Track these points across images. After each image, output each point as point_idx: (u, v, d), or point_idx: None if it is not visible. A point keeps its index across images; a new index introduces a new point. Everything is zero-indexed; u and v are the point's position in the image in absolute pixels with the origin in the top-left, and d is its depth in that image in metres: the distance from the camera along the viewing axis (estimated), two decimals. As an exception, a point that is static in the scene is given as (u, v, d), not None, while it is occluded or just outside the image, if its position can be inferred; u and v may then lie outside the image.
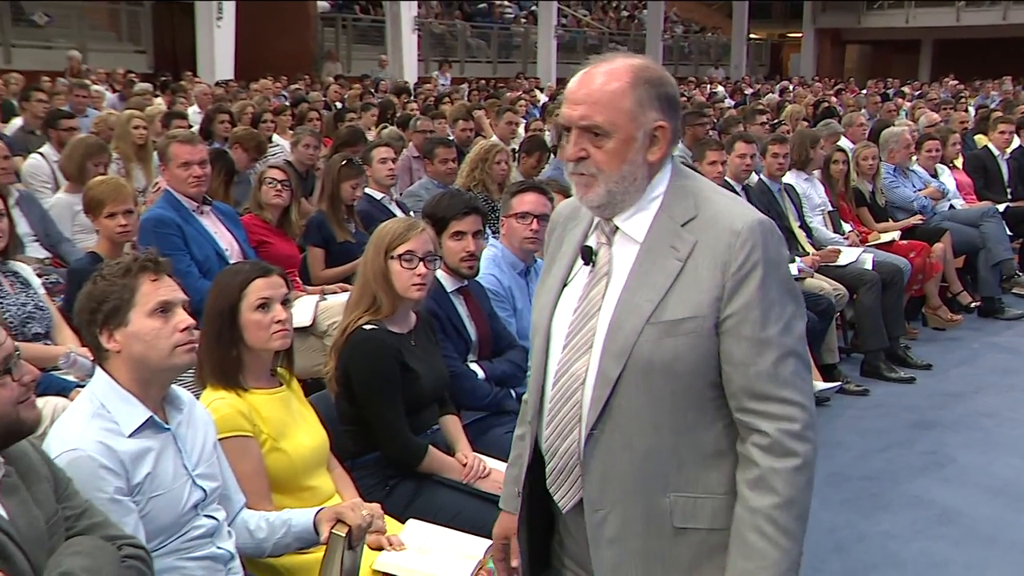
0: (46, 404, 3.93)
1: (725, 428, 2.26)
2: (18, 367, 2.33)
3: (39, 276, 5.01)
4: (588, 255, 2.33)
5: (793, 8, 39.50)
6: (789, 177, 8.03)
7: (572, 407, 2.32)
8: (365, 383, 3.74)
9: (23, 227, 6.02)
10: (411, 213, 6.77)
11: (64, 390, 4.24)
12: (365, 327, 3.79)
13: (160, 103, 13.43)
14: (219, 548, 2.87)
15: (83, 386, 3.81)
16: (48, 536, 2.37)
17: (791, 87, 24.07)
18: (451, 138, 9.42)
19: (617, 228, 2.31)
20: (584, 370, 2.29)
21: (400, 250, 3.82)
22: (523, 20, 32.73)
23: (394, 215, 6.60)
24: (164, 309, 2.78)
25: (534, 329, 2.45)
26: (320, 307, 5.35)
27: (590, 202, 2.31)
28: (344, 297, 4.75)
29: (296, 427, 3.34)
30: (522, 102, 15.78)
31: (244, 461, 3.13)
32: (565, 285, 2.39)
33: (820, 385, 6.48)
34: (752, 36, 38.05)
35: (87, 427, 2.71)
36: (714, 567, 2.27)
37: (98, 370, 2.84)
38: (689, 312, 2.20)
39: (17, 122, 10.91)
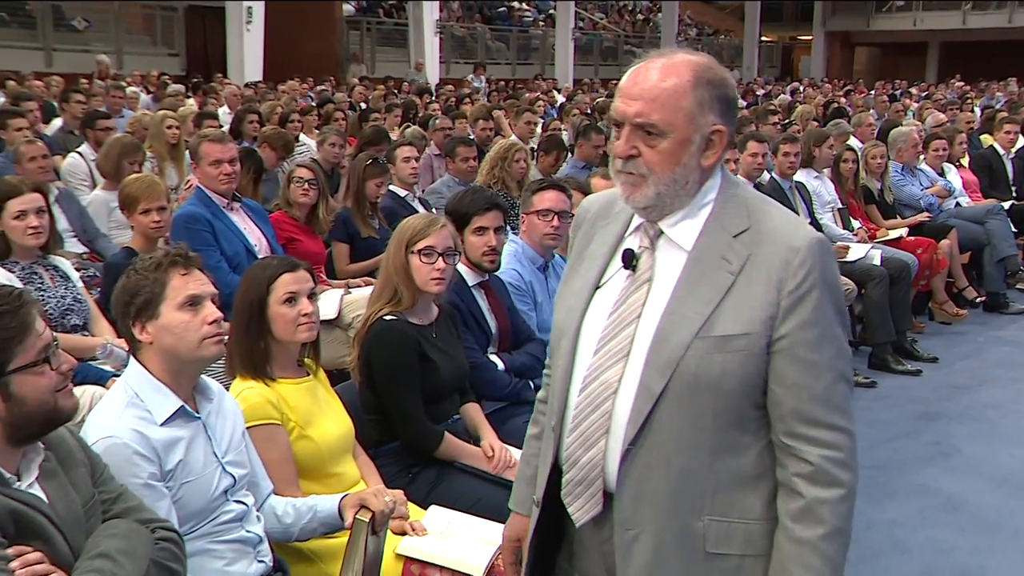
0: (83, 392, 3.95)
1: (763, 451, 2.11)
2: (56, 357, 2.34)
3: (77, 270, 5.04)
4: (630, 259, 2.15)
5: (804, 11, 39.36)
6: (800, 175, 8.03)
7: (600, 416, 2.15)
8: (384, 371, 3.73)
9: (62, 223, 6.06)
10: (433, 210, 6.77)
11: (101, 379, 4.26)
12: (386, 318, 3.79)
13: (192, 104, 13.48)
14: (248, 532, 2.88)
15: (119, 375, 3.84)
16: (85, 519, 2.38)
17: (801, 88, 23.94)
18: (472, 137, 9.42)
19: (662, 233, 2.14)
20: (617, 379, 2.13)
21: (420, 245, 3.81)
22: (541, 23, 32.72)
23: (417, 211, 6.60)
24: (193, 303, 2.79)
25: (559, 331, 2.27)
26: (345, 300, 5.35)
27: (636, 203, 2.14)
28: (368, 291, 4.76)
29: (322, 416, 3.34)
30: (540, 102, 15.78)
31: (272, 448, 3.14)
32: (598, 287, 2.22)
33: (829, 377, 6.45)
34: (764, 39, 37.93)
35: (122, 415, 2.72)
36: None
37: (132, 360, 2.86)
38: (741, 328, 2.05)
39: (57, 123, 10.95)
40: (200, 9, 24.36)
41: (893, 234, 8.30)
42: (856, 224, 8.25)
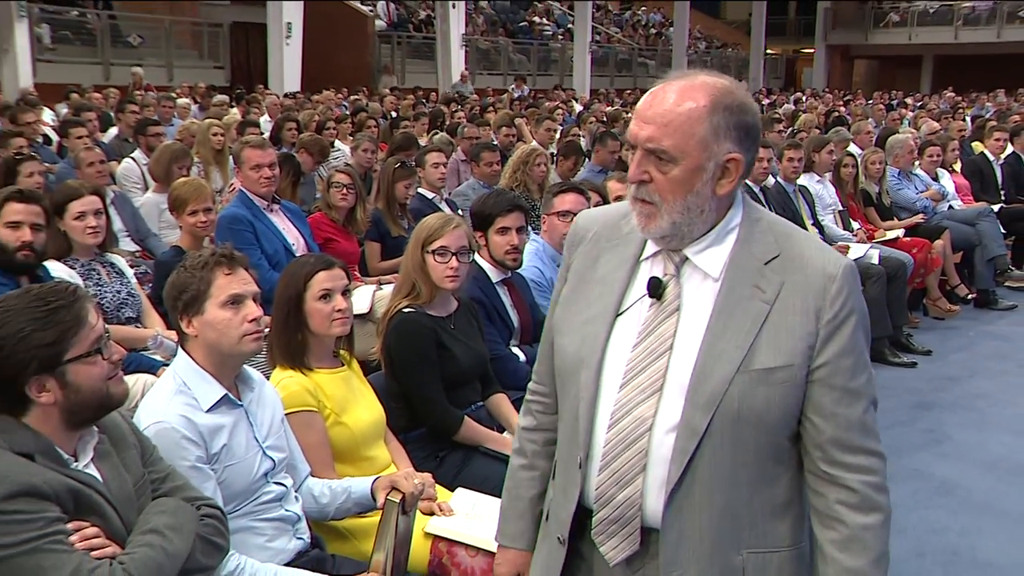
0: (136, 380, 3.96)
1: (792, 479, 1.97)
2: (108, 347, 2.34)
3: (131, 267, 5.06)
4: (656, 287, 1.94)
5: (806, 26, 39.22)
6: (803, 179, 8.02)
7: (636, 454, 1.93)
8: (403, 359, 3.72)
9: (117, 223, 6.09)
10: (459, 211, 6.76)
11: (152, 368, 4.27)
12: (404, 310, 3.78)
13: (236, 113, 13.52)
14: (287, 511, 2.88)
15: (168, 365, 3.86)
16: (136, 497, 2.39)
17: (804, 98, 23.85)
18: (495, 143, 9.40)
19: (687, 259, 1.94)
20: (652, 414, 1.92)
21: (434, 245, 3.78)
22: (560, 37, 32.66)
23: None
24: (235, 301, 2.79)
25: (578, 360, 2.01)
26: (376, 296, 5.35)
27: (652, 234, 1.94)
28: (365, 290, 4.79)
29: (356, 403, 3.33)
30: (559, 111, 15.73)
31: (310, 434, 3.13)
32: (618, 315, 1.99)
33: (829, 369, 6.43)
34: (768, 52, 37.76)
35: (171, 402, 2.73)
36: None
37: (180, 351, 2.86)
38: (783, 360, 1.87)
39: (113, 131, 11.00)
40: (243, 25, 24.45)
41: (890, 235, 8.26)
42: (855, 225, 8.22)
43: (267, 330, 3.07)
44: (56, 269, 4.42)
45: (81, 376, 2.28)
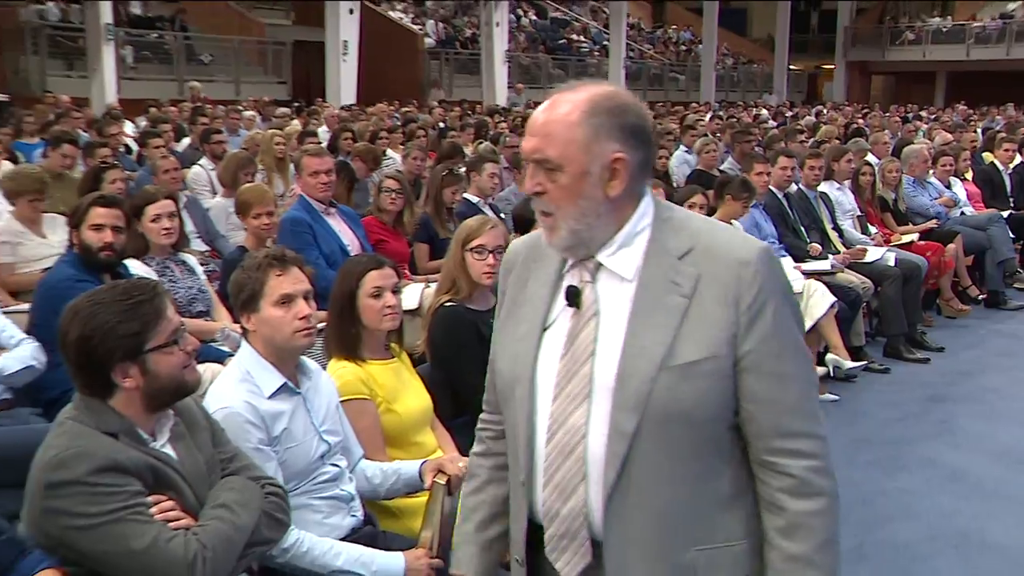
0: (206, 369, 3.99)
1: (738, 470, 1.81)
2: (183, 338, 2.38)
3: (201, 265, 5.12)
4: (573, 296, 1.82)
5: (827, 43, 38.81)
6: (824, 186, 7.94)
7: (575, 464, 1.80)
8: (446, 349, 3.74)
9: (189, 225, 6.15)
10: (502, 215, 6.76)
11: (220, 358, 4.31)
12: (446, 304, 3.80)
13: (296, 124, 13.60)
14: (342, 490, 2.91)
15: (234, 356, 3.90)
16: (207, 475, 2.43)
17: (825, 111, 23.58)
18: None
19: (601, 265, 1.81)
20: (584, 422, 1.78)
21: (473, 244, 3.79)
22: (596, 53, 32.54)
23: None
24: (286, 300, 2.81)
25: (512, 379, 1.88)
26: (424, 294, 5.37)
27: (556, 246, 1.83)
28: (412, 290, 4.80)
29: (405, 392, 3.35)
30: (595, 123, 15.65)
31: (363, 419, 3.15)
32: (545, 329, 1.86)
33: (848, 364, 6.40)
34: (792, 67, 37.38)
35: (236, 389, 2.76)
36: None
37: (244, 343, 2.90)
38: (707, 352, 1.73)
39: (186, 141, 11.12)
40: (304, 44, 24.58)
41: (905, 239, 8.17)
42: (873, 230, 8.13)
43: (322, 325, 3.10)
44: (135, 267, 4.48)
45: (160, 364, 2.32)
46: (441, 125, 14.98)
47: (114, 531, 2.16)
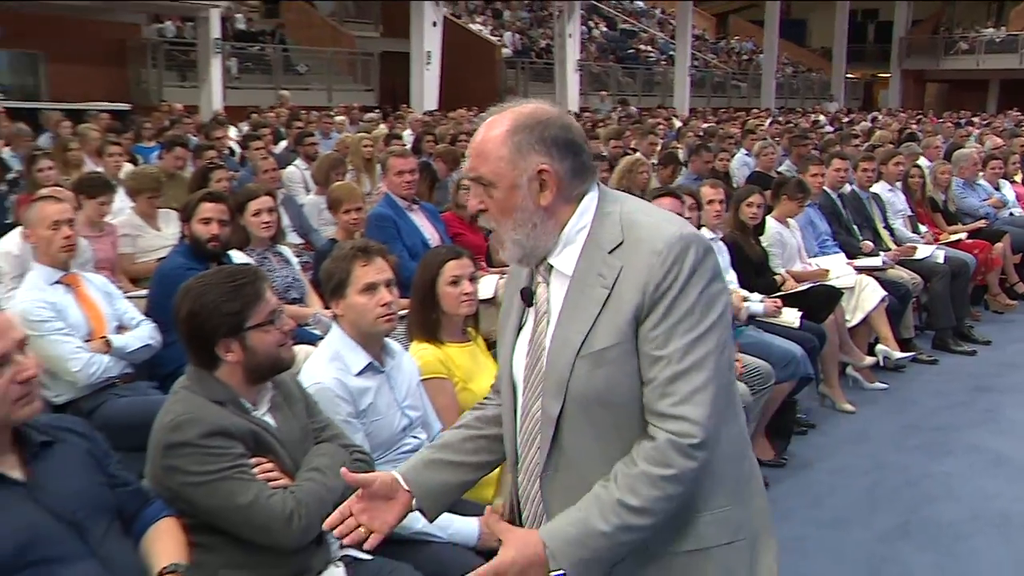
0: (299, 350, 4.10)
1: None
2: (279, 319, 2.47)
3: (296, 257, 5.23)
4: (527, 297, 1.85)
5: (883, 53, 37.97)
6: (876, 187, 7.80)
7: (536, 450, 1.84)
8: None
9: (285, 220, 6.27)
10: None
11: (312, 341, 4.40)
12: None
13: (383, 128, 13.77)
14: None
15: (325, 338, 4.00)
16: (302, 441, 2.51)
17: (880, 117, 23.08)
18: (605, 154, 9.39)
19: (551, 266, 1.81)
20: (540, 412, 1.82)
21: None
22: (663, 62, 32.30)
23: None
24: (369, 288, 2.87)
25: (499, 378, 1.97)
26: (499, 284, 5.41)
27: (510, 260, 1.86)
28: (489, 280, 4.83)
29: (480, 373, 3.38)
30: (660, 127, 15.59)
31: (441, 397, 3.20)
32: (519, 331, 1.90)
33: (897, 354, 6.33)
34: (848, 75, 36.67)
35: (327, 367, 2.84)
36: None
37: (334, 325, 2.98)
38: (613, 339, 1.71)
39: (283, 144, 11.35)
40: (391, 54, 24.84)
41: (954, 237, 7.98)
42: (923, 229, 7.95)
43: (404, 312, 3.16)
44: (237, 257, 4.59)
45: (258, 341, 2.41)
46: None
47: (222, 488, 2.26)
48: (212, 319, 2.38)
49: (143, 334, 4.04)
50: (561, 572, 1.69)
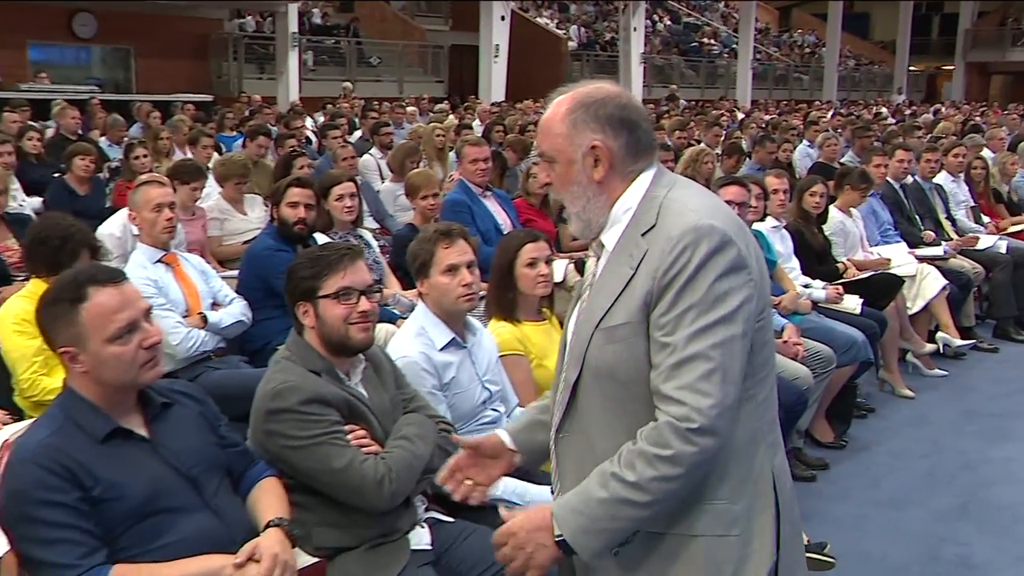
0: (380, 328, 4.20)
1: None
2: (350, 296, 2.52)
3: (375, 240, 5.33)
4: (580, 269, 1.92)
5: (946, 45, 36.99)
6: (939, 178, 7.67)
7: (558, 413, 1.91)
8: None
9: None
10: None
11: (392, 319, 4.51)
12: None
13: (452, 118, 13.89)
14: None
15: (404, 318, 4.10)
16: (391, 411, 2.60)
17: (943, 109, 22.54)
18: (670, 144, 9.37)
19: (602, 243, 1.85)
20: (564, 377, 1.89)
21: None
22: (726, 55, 31.90)
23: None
24: (451, 269, 2.96)
25: (560, 346, 2.01)
26: (568, 269, 5.46)
27: (574, 233, 1.90)
28: (560, 264, 4.85)
29: (555, 351, 3.32)
30: (724, 117, 15.45)
31: (518, 372, 3.26)
32: (578, 301, 1.94)
33: (957, 342, 6.26)
34: (911, 68, 35.80)
35: (413, 342, 2.93)
36: (677, 572, 1.78)
37: (420, 303, 3.07)
38: (623, 318, 1.73)
39: (358, 133, 11.52)
40: (460, 47, 24.95)
41: (1017, 228, 7.80)
42: (986, 219, 7.80)
43: (483, 292, 3.23)
44: (321, 240, 4.71)
45: (326, 312, 2.50)
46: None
47: (318, 452, 2.37)
48: (292, 280, 2.55)
49: (235, 311, 4.19)
50: (561, 536, 1.73)
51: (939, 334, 6.25)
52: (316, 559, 2.21)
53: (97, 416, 2.06)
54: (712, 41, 33.02)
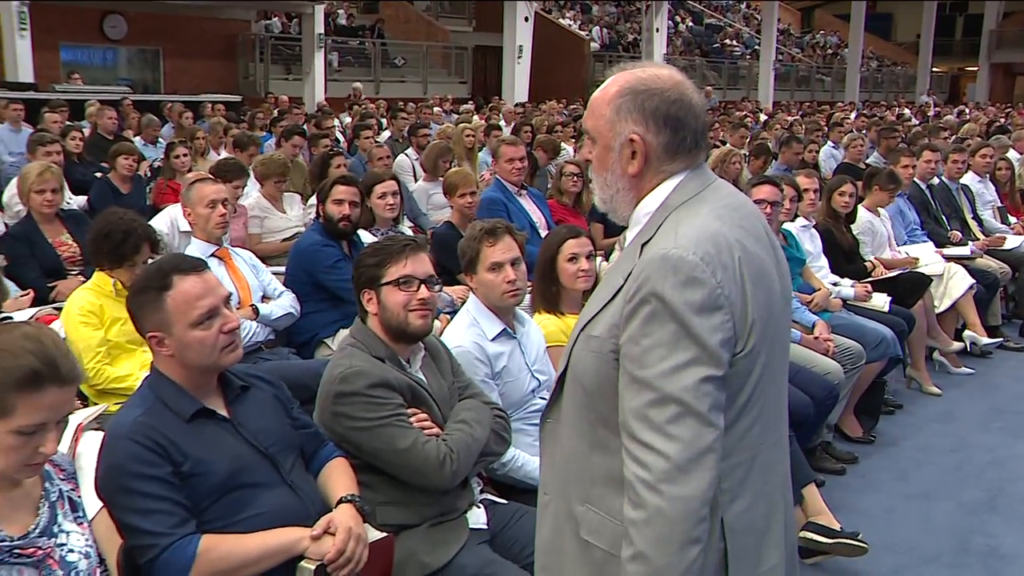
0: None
1: None
2: (411, 284, 2.65)
3: (412, 237, 5.45)
4: (608, 256, 1.91)
5: (970, 46, 36.81)
6: (966, 179, 7.73)
7: None
8: None
9: (398, 204, 6.53)
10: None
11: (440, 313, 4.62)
12: None
13: (477, 119, 14.01)
14: (549, 420, 3.14)
15: (444, 312, 4.23)
16: (449, 398, 2.72)
17: (967, 111, 22.46)
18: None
19: (625, 239, 1.80)
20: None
21: None
22: (748, 56, 31.91)
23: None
24: (496, 267, 3.07)
25: None
26: (602, 267, 5.56)
27: (598, 206, 1.83)
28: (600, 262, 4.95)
29: None
30: (748, 119, 15.51)
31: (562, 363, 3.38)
32: None
33: (984, 340, 6.32)
34: (934, 69, 35.65)
35: (466, 332, 3.05)
36: None
37: (471, 296, 3.19)
38: (600, 331, 1.66)
39: (386, 134, 11.64)
40: (483, 48, 25.16)
41: (1043, 229, 7.87)
42: (1012, 220, 7.86)
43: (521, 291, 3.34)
44: (364, 236, 4.85)
45: (388, 298, 2.64)
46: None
47: (384, 433, 2.50)
48: (358, 268, 2.70)
49: (285, 303, 4.33)
50: None
51: (966, 332, 6.32)
52: (385, 534, 2.33)
53: (183, 397, 2.21)
54: (734, 42, 33.04)
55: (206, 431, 2.19)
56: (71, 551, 1.89)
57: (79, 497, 2.00)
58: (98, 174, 7.59)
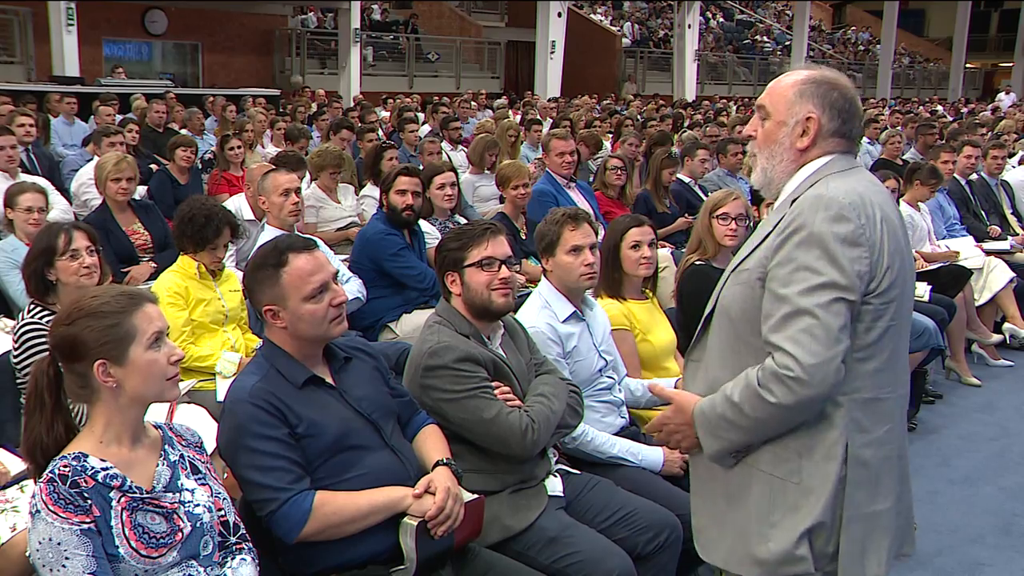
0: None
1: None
2: (492, 265, 2.79)
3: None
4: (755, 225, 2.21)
5: (1006, 42, 36.40)
6: (1006, 174, 7.80)
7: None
8: (690, 299, 3.98)
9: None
10: (707, 194, 7.00)
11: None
12: (695, 263, 4.13)
13: (510, 113, 14.14)
14: (614, 397, 3.30)
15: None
16: (526, 373, 2.88)
17: (1003, 107, 22.31)
18: (737, 138, 9.53)
19: (769, 204, 2.13)
20: None
21: (719, 212, 4.08)
22: (779, 52, 31.80)
23: (697, 195, 6.90)
24: (575, 250, 3.21)
25: None
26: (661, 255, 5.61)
27: (753, 183, 2.14)
28: (661, 252, 5.11)
29: (656, 327, 3.69)
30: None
31: (624, 346, 3.51)
32: None
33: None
34: (968, 65, 35.31)
35: (539, 314, 3.21)
36: (752, 500, 2.00)
37: (544, 279, 3.33)
38: (750, 265, 1.98)
39: (426, 128, 11.82)
40: (516, 43, 25.33)
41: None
42: (1052, 216, 7.93)
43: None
44: (424, 226, 5.02)
45: (471, 279, 2.79)
46: (639, 117, 15.24)
47: (470, 404, 2.67)
48: (441, 252, 2.87)
49: (353, 288, 4.50)
50: None
51: (1006, 325, 6.41)
52: (476, 495, 2.50)
53: (295, 365, 2.39)
54: (765, 39, 32.93)
55: (316, 397, 2.38)
56: (197, 506, 2.07)
57: (203, 461, 2.17)
58: (152, 166, 7.82)
